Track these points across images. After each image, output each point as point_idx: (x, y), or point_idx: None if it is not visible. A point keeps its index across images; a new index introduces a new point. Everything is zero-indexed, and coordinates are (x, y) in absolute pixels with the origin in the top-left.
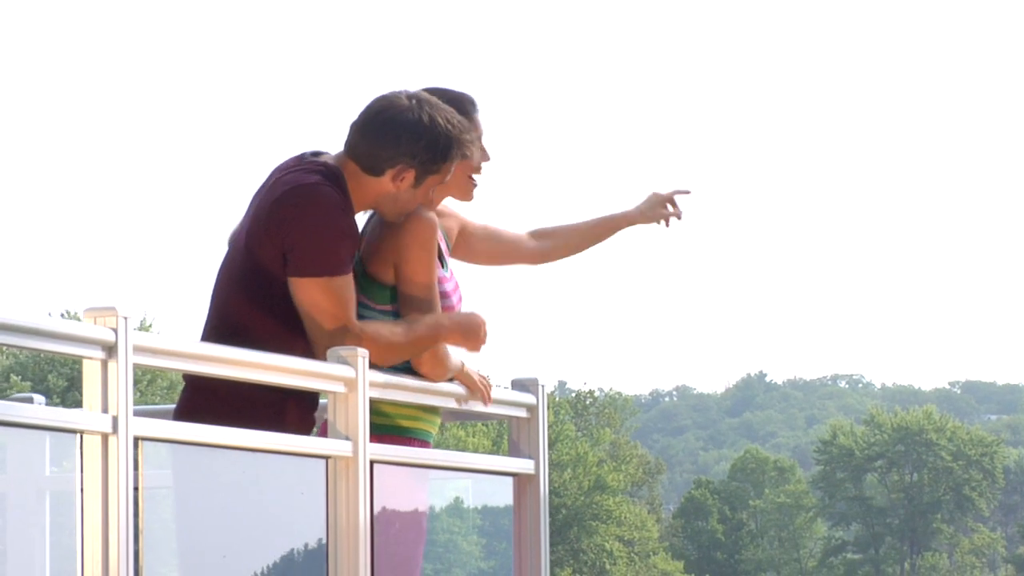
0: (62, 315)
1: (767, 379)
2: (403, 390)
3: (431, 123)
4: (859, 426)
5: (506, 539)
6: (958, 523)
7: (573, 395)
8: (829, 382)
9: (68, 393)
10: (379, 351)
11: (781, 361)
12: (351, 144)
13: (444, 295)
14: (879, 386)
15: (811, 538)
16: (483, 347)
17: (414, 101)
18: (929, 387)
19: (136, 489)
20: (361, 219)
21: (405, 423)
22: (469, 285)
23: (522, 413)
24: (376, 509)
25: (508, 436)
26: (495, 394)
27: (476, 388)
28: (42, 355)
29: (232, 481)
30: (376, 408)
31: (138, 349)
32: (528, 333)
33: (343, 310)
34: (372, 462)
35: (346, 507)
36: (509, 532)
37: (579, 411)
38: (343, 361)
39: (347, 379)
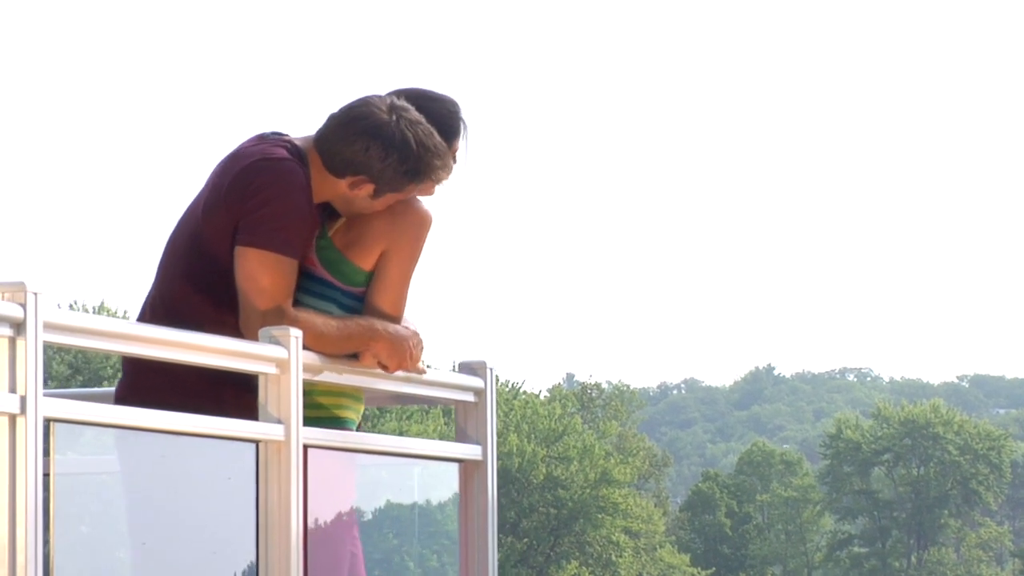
0: (71, 306)
1: (775, 372)
2: (337, 372)
3: (402, 143)
4: (865, 420)
5: (512, 532)
6: (965, 517)
7: (579, 387)
8: (837, 375)
9: (71, 381)
10: (308, 340)
11: (789, 354)
12: (321, 136)
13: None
14: (887, 380)
15: (818, 532)
16: (402, 370)
17: (394, 116)
18: (937, 381)
19: (47, 475)
20: None
21: (339, 412)
22: (474, 274)
23: (469, 397)
24: (308, 496)
25: (455, 421)
26: (441, 377)
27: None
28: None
29: (155, 465)
30: (308, 401)
31: (49, 327)
32: (535, 325)
33: (281, 292)
34: (306, 447)
35: (277, 493)
36: (515, 524)
37: (585, 403)
38: (275, 341)
39: (279, 360)
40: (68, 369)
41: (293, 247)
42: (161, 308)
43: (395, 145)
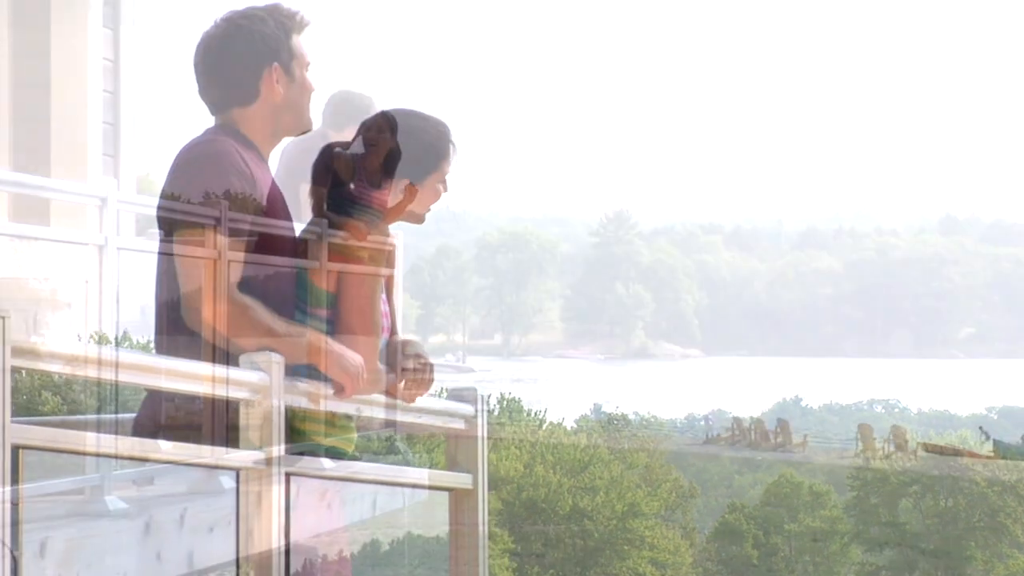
0: (91, 337)
1: (803, 403)
2: (318, 398)
3: (247, 28)
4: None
5: (538, 563)
6: (993, 549)
7: (606, 418)
8: (865, 406)
9: (100, 412)
10: (247, 328)
11: (817, 385)
12: (215, 104)
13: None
14: (915, 411)
15: (845, 563)
16: (351, 395)
17: (221, 24)
18: (965, 412)
19: (16, 504)
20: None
21: (317, 439)
22: (500, 298)
23: (459, 425)
24: (291, 524)
25: (445, 449)
26: (430, 404)
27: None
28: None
29: (136, 491)
30: (288, 425)
31: (17, 351)
32: (560, 353)
33: (223, 270)
34: (288, 474)
35: (258, 522)
36: (542, 556)
37: (611, 433)
38: (255, 367)
39: (260, 386)
40: (96, 401)
41: (231, 221)
42: (156, 331)
43: (245, 35)
